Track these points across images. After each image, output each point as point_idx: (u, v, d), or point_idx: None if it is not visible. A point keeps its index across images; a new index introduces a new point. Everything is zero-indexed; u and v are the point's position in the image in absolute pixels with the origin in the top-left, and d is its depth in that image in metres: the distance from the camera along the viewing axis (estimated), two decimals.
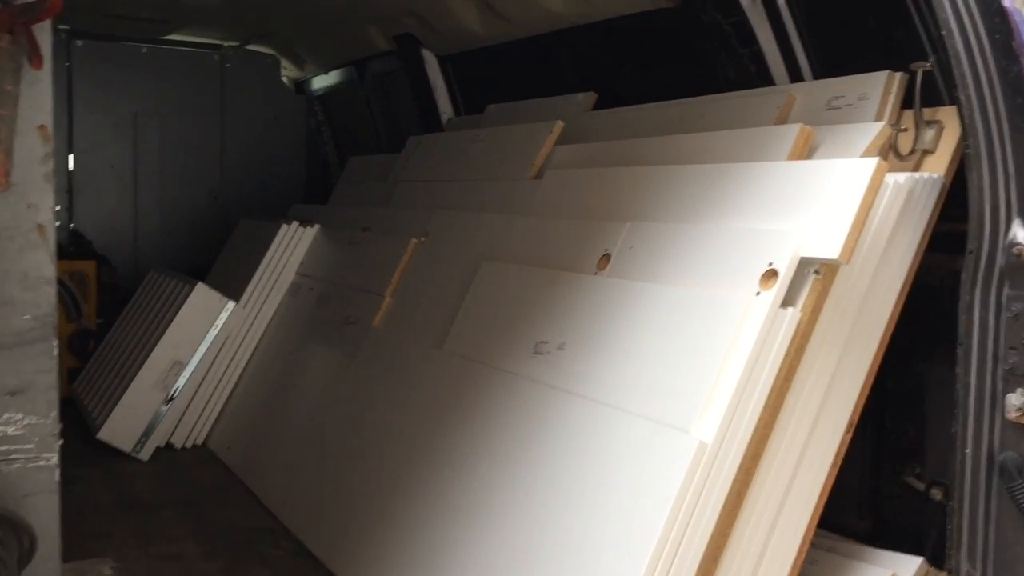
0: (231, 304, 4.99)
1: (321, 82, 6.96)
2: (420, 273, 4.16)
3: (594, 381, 2.82)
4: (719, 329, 2.54)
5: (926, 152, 2.86)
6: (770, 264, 2.53)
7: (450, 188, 4.59)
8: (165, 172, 6.71)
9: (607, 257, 3.12)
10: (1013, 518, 2.33)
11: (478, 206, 4.18)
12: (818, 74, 3.34)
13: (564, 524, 2.64)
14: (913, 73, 2.85)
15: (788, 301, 2.52)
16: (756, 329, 2.46)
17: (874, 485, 3.11)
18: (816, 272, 2.54)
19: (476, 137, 4.71)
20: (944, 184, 2.77)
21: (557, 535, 2.64)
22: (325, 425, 4.09)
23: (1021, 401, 2.29)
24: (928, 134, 2.83)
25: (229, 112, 6.92)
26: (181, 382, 4.87)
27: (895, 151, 2.86)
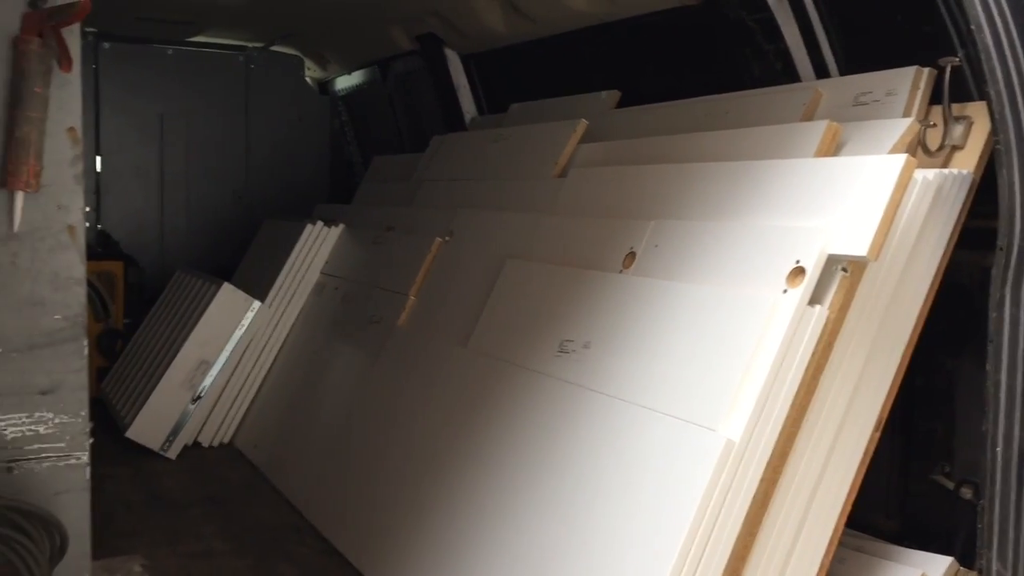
0: (257, 304, 5.02)
1: (345, 82, 6.98)
2: (444, 272, 4.17)
3: (620, 380, 2.81)
4: (746, 327, 2.53)
5: (955, 148, 2.83)
6: (797, 262, 2.51)
7: (474, 187, 4.60)
8: (191, 173, 6.75)
9: (632, 255, 3.11)
10: None
11: (502, 205, 4.18)
12: (844, 70, 3.31)
13: (591, 523, 2.63)
14: (942, 68, 2.82)
15: (815, 299, 2.51)
16: (783, 327, 2.45)
17: (903, 484, 3.08)
18: (844, 270, 2.52)
19: (499, 136, 4.71)
20: (973, 180, 2.74)
21: (584, 534, 2.64)
22: (350, 424, 4.11)
23: None
24: (957, 130, 2.80)
25: (254, 113, 6.96)
26: (208, 381, 4.90)
27: (924, 147, 2.83)
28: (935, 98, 2.92)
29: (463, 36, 5.23)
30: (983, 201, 2.68)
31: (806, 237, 2.54)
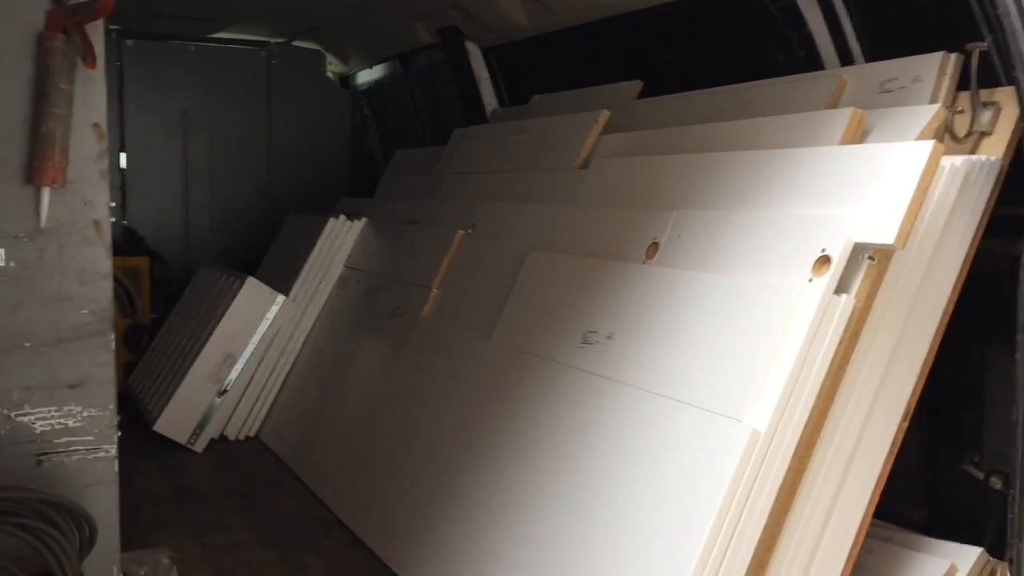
0: (281, 298, 5.05)
1: (366, 76, 6.99)
2: (467, 264, 4.17)
3: (644, 370, 2.80)
4: (771, 317, 2.51)
5: (983, 134, 2.79)
6: (823, 250, 2.49)
7: (496, 179, 4.59)
8: (214, 168, 6.80)
9: (655, 246, 3.10)
10: None
11: (524, 197, 4.17)
12: (869, 57, 3.27)
13: (616, 514, 2.63)
14: (969, 54, 2.78)
15: (842, 288, 2.49)
16: (809, 316, 2.43)
17: (931, 474, 3.05)
18: (870, 258, 2.50)
19: (521, 128, 4.70)
20: (1002, 167, 2.70)
21: (609, 525, 2.63)
22: (375, 416, 4.12)
23: None
24: (985, 116, 2.76)
25: (276, 108, 7.00)
26: (233, 375, 4.94)
27: (951, 134, 2.79)
28: (962, 84, 2.88)
29: (484, 28, 5.22)
30: (1012, 188, 2.65)
31: (832, 225, 2.52)
